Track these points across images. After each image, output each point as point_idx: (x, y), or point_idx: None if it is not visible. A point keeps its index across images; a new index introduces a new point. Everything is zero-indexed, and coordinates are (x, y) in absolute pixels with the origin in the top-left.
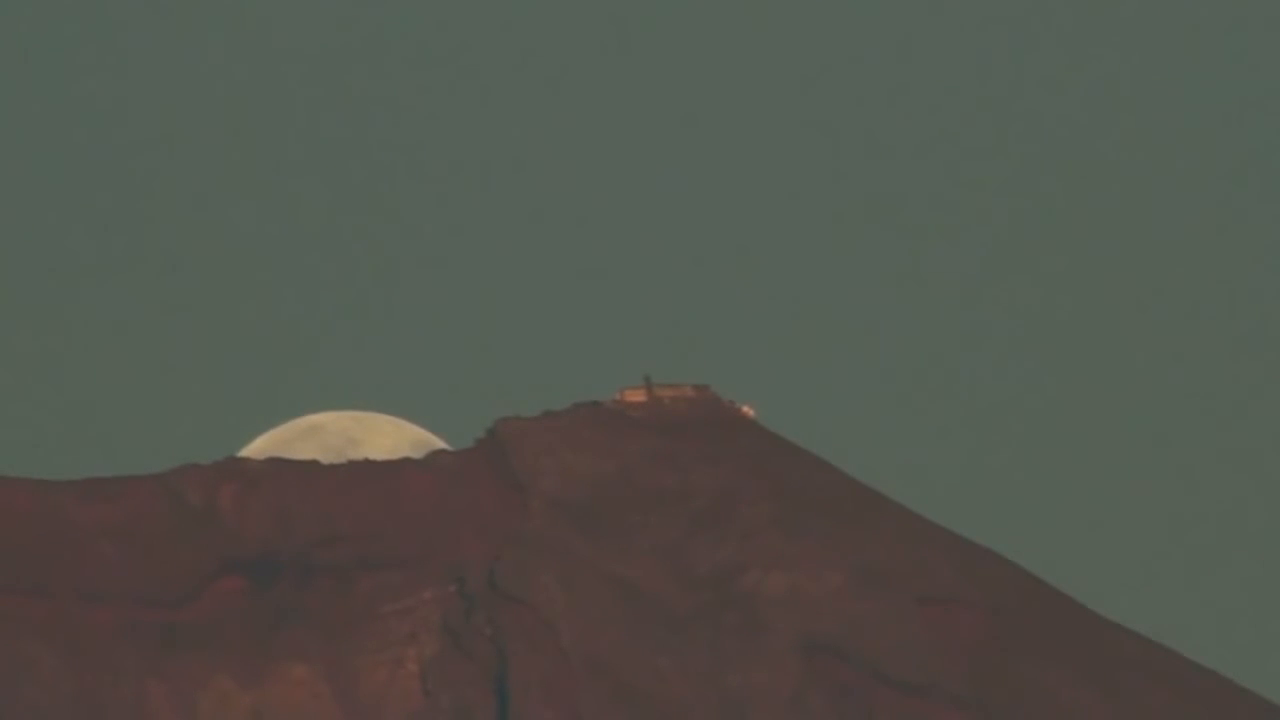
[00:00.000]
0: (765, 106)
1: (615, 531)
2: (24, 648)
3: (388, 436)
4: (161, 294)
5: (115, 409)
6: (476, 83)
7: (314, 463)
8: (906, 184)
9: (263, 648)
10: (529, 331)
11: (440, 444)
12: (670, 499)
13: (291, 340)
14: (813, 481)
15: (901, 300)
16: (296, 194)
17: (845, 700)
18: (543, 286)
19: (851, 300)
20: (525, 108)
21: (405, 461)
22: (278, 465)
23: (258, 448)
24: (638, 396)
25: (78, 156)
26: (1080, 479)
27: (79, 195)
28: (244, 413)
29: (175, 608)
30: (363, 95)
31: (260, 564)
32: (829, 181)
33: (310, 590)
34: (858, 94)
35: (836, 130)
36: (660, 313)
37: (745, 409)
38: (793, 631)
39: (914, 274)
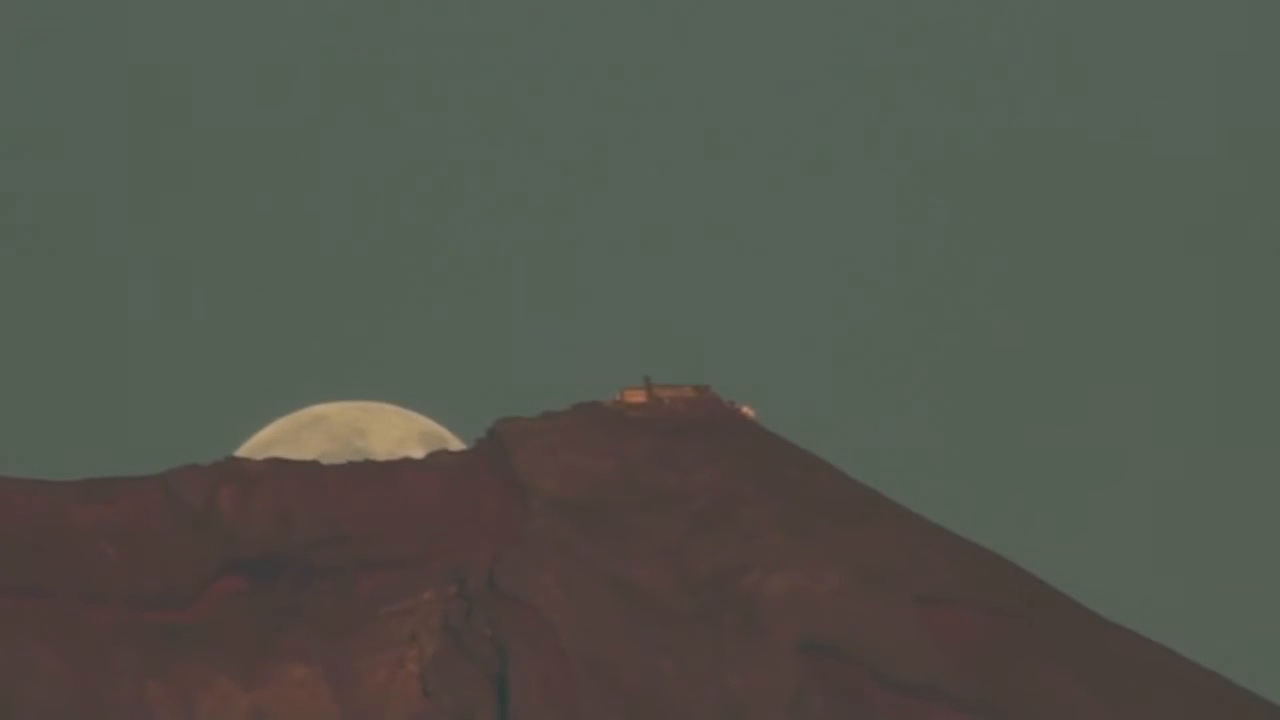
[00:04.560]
0: (765, 106)
1: (616, 532)
2: (24, 648)
3: (395, 427)
4: (164, 285)
5: (116, 403)
6: (481, 80)
7: (314, 463)
8: (907, 184)
9: (263, 648)
10: (530, 332)
11: (447, 435)
12: (671, 500)
13: (297, 331)
14: (813, 482)
15: (902, 300)
16: (304, 187)
17: (845, 700)
18: (544, 286)
19: (852, 301)
20: (529, 107)
21: (405, 461)
22: (277, 466)
23: (264, 438)
24: (638, 397)
25: (77, 153)
26: (1080, 479)
27: (79, 193)
28: (250, 404)
29: (175, 608)
30: (368, 89)
31: (260, 564)
32: (829, 181)
33: (310, 591)
34: (858, 94)
35: (837, 130)
36: (660, 313)
37: (745, 409)
38: (793, 632)
39: (914, 274)
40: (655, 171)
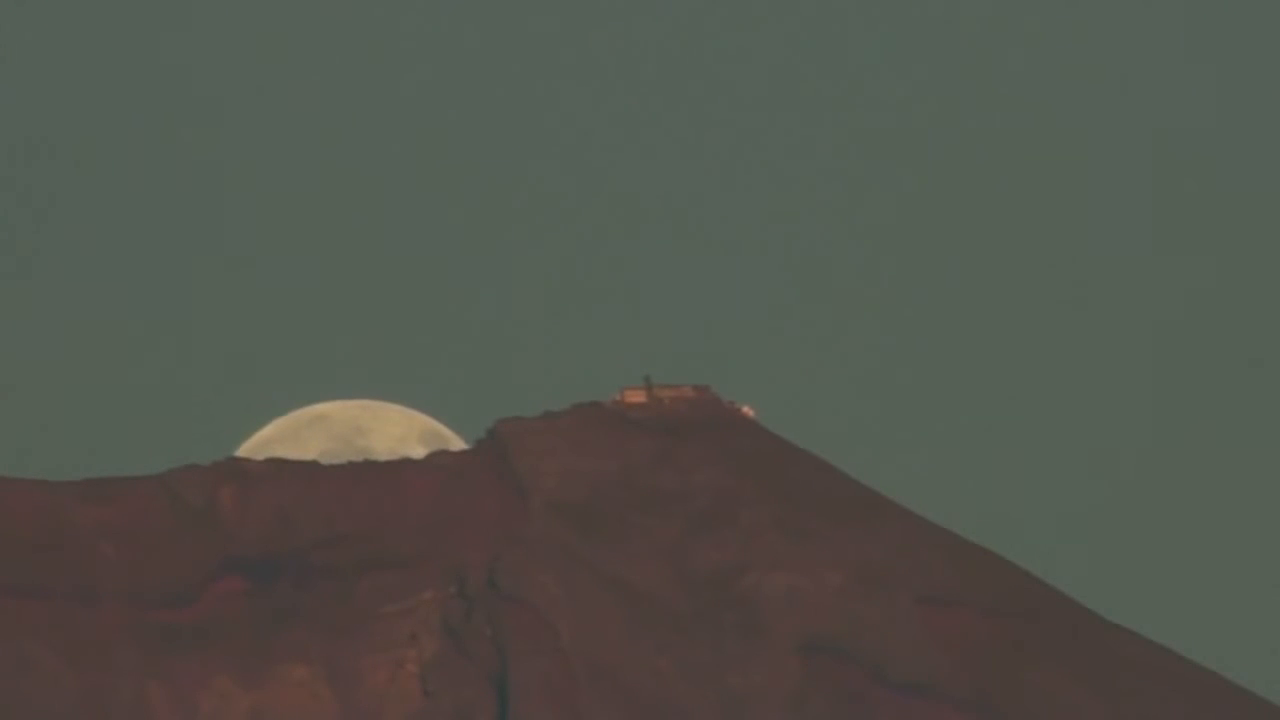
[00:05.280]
0: (765, 106)
1: (615, 532)
2: (24, 648)
3: (396, 426)
4: (165, 285)
5: (116, 403)
6: (482, 79)
7: (314, 463)
8: (907, 183)
9: (263, 648)
10: (530, 332)
11: (448, 433)
12: (670, 500)
13: (299, 330)
14: (813, 482)
15: (902, 301)
16: (306, 187)
17: (845, 700)
18: (544, 285)
19: (852, 301)
20: (530, 106)
21: (405, 462)
22: (277, 466)
23: (265, 437)
24: (638, 397)
25: (77, 152)
26: (1080, 479)
27: (79, 192)
28: (251, 403)
29: (175, 608)
30: (368, 89)
31: (260, 564)
32: (829, 181)
33: (310, 591)
34: (858, 94)
35: (837, 130)
36: (660, 313)
37: (745, 410)
38: (793, 632)
39: (914, 274)
40: (656, 171)
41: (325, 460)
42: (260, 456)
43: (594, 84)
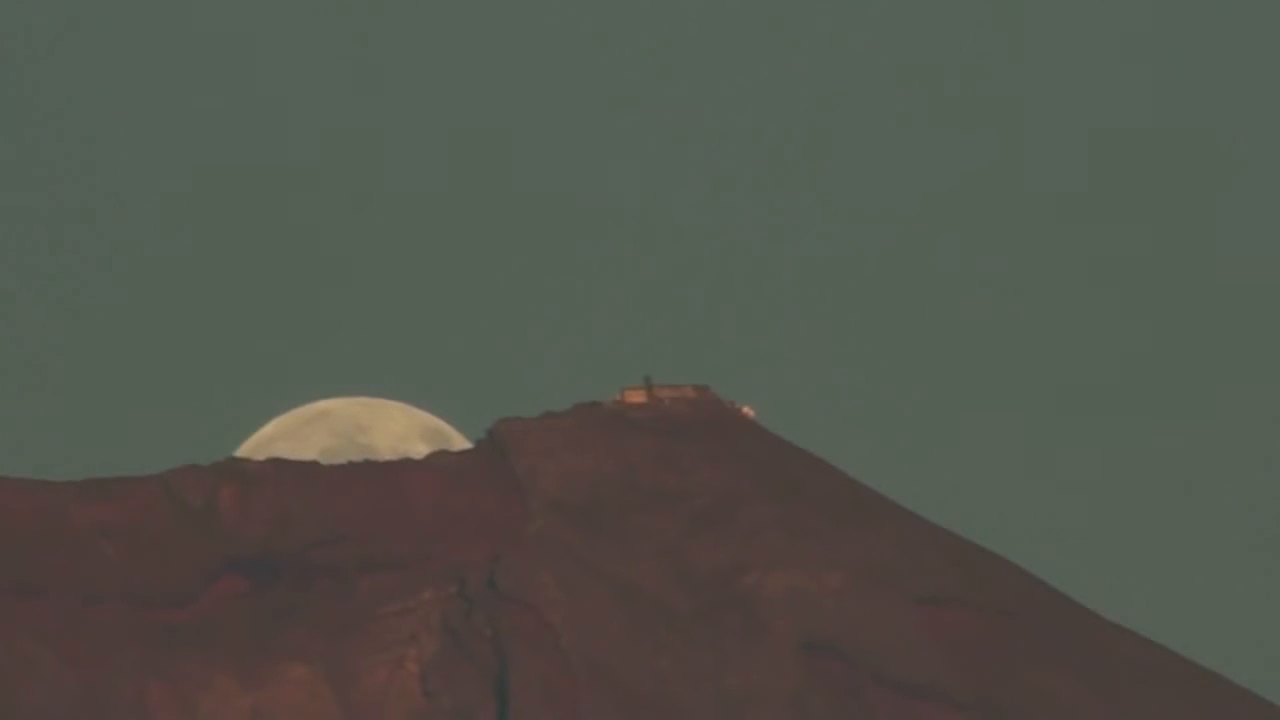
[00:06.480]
0: (765, 107)
1: (616, 532)
2: (24, 648)
3: (397, 423)
4: (166, 283)
5: (116, 403)
6: (483, 78)
7: (314, 463)
8: (907, 184)
9: (263, 648)
10: (531, 331)
11: (449, 430)
12: (671, 500)
13: (301, 327)
14: (813, 482)
15: (901, 301)
16: (307, 185)
17: (845, 700)
18: (545, 285)
19: (852, 301)
20: (532, 105)
21: (405, 462)
22: (277, 466)
23: (267, 434)
24: (638, 397)
25: (76, 152)
26: (1080, 479)
27: (78, 192)
28: (253, 400)
29: (175, 608)
30: (369, 86)
31: (260, 564)
32: (829, 181)
33: (310, 591)
34: (857, 94)
35: (836, 130)
36: (660, 313)
37: (745, 410)
38: (793, 632)
39: (914, 274)
40: (656, 172)
41: (327, 457)
42: (261, 454)
43: (595, 84)
